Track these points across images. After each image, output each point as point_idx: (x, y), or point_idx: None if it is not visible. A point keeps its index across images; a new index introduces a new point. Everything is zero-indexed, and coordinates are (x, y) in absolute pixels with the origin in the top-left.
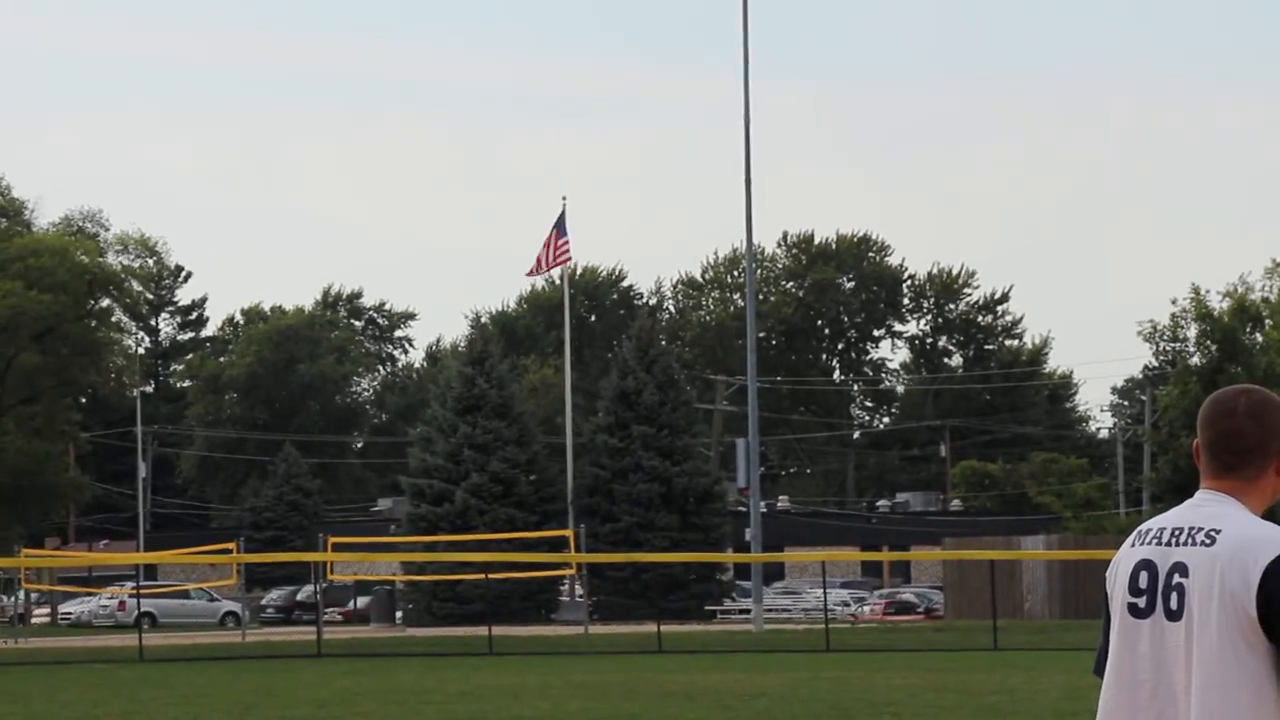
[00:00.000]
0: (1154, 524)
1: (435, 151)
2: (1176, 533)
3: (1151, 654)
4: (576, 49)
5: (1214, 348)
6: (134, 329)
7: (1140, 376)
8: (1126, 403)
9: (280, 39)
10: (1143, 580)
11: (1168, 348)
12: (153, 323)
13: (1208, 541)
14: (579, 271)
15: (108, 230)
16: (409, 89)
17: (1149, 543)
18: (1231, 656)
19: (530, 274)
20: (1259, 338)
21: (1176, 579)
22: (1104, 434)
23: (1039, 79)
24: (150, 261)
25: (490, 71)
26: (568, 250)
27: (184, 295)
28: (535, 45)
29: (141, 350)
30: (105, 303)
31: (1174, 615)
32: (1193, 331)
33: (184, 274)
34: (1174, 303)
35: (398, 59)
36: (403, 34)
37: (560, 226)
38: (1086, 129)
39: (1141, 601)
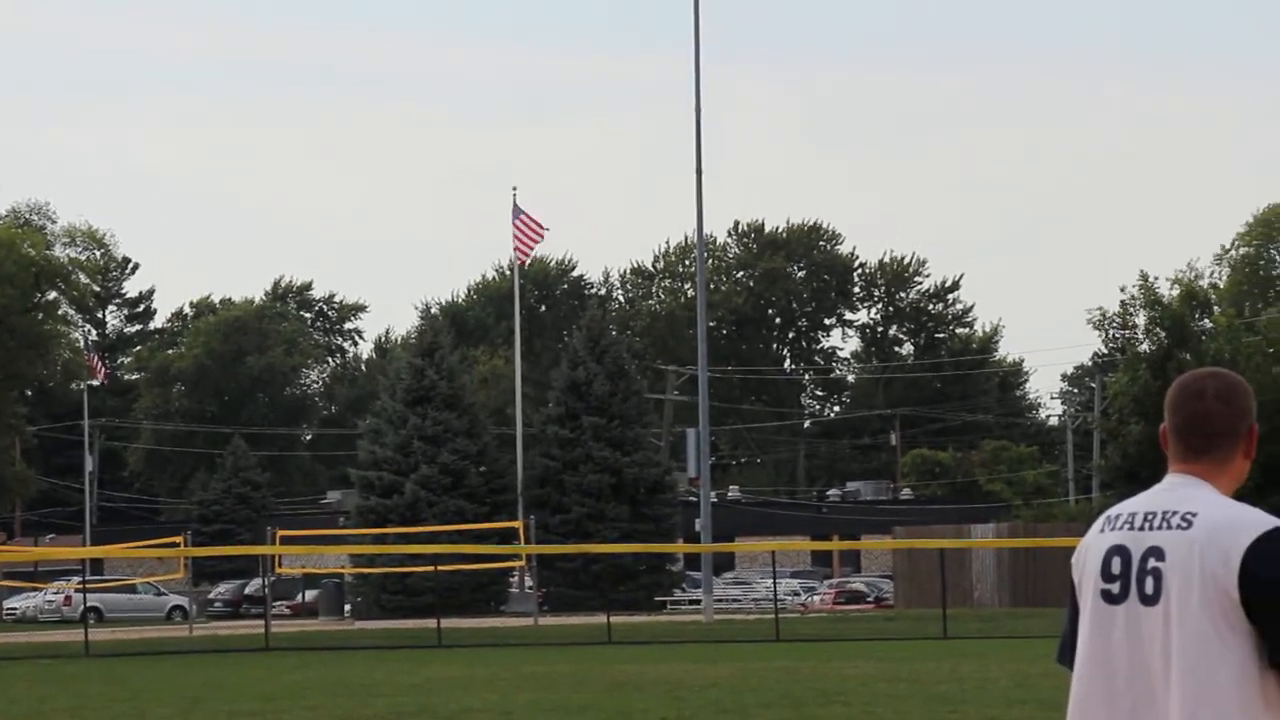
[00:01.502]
0: (1124, 509)
1: (384, 143)
2: (1150, 517)
3: (1126, 640)
4: (525, 38)
5: (1163, 335)
6: (81, 321)
7: (1089, 364)
8: (1076, 390)
9: (230, 30)
10: (1115, 566)
11: (1117, 335)
12: (100, 315)
13: (1184, 525)
14: (529, 262)
15: (55, 223)
16: (358, 81)
17: (1120, 528)
18: (1214, 640)
19: (521, 254)
20: (1208, 324)
21: (1152, 563)
22: (1054, 421)
23: (990, 69)
24: (97, 254)
25: (439, 63)
26: (540, 236)
27: (131, 287)
28: (484, 35)
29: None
30: (52, 295)
31: (1150, 600)
32: (1142, 318)
33: (131, 266)
34: (1123, 290)
35: (346, 51)
36: (351, 26)
37: (518, 215)
38: (1036, 118)
39: (1115, 587)
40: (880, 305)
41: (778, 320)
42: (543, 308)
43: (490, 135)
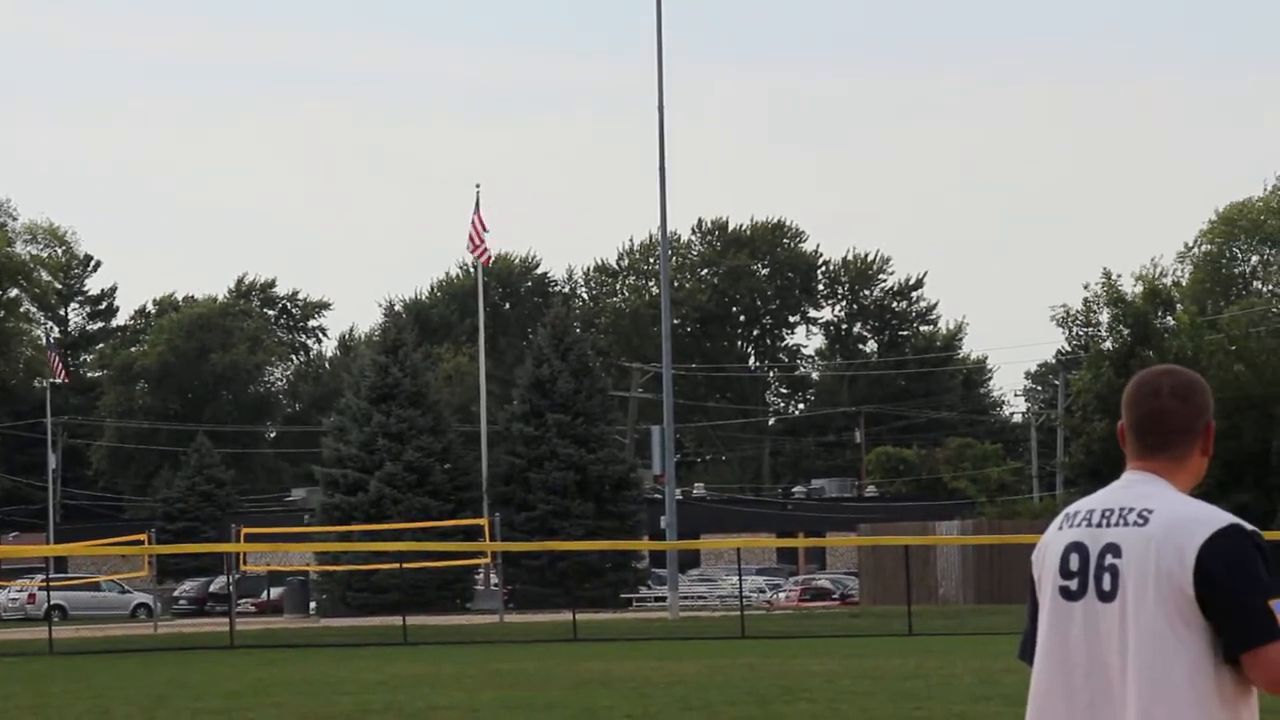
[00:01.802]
0: (1082, 506)
1: (348, 140)
2: (1107, 514)
3: (1084, 636)
4: (489, 37)
5: (1126, 332)
6: (43, 319)
7: (1053, 361)
8: (1040, 387)
9: (190, 26)
10: (1074, 562)
11: (1080, 332)
12: (62, 313)
13: (1140, 521)
14: (493, 259)
15: (15, 220)
16: (321, 78)
17: (1078, 525)
18: (1169, 635)
19: (483, 259)
20: (1170, 321)
21: (1109, 560)
22: (1018, 419)
23: (950, 65)
24: (59, 251)
25: (402, 60)
26: (484, 241)
27: (94, 285)
28: (446, 34)
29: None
30: (13, 293)
31: (1107, 596)
32: (1105, 316)
33: (93, 263)
34: (1086, 287)
35: (308, 48)
36: (313, 23)
37: (476, 212)
38: (999, 117)
39: (1073, 584)
40: (844, 303)
41: (742, 318)
42: (507, 305)
43: (454, 133)
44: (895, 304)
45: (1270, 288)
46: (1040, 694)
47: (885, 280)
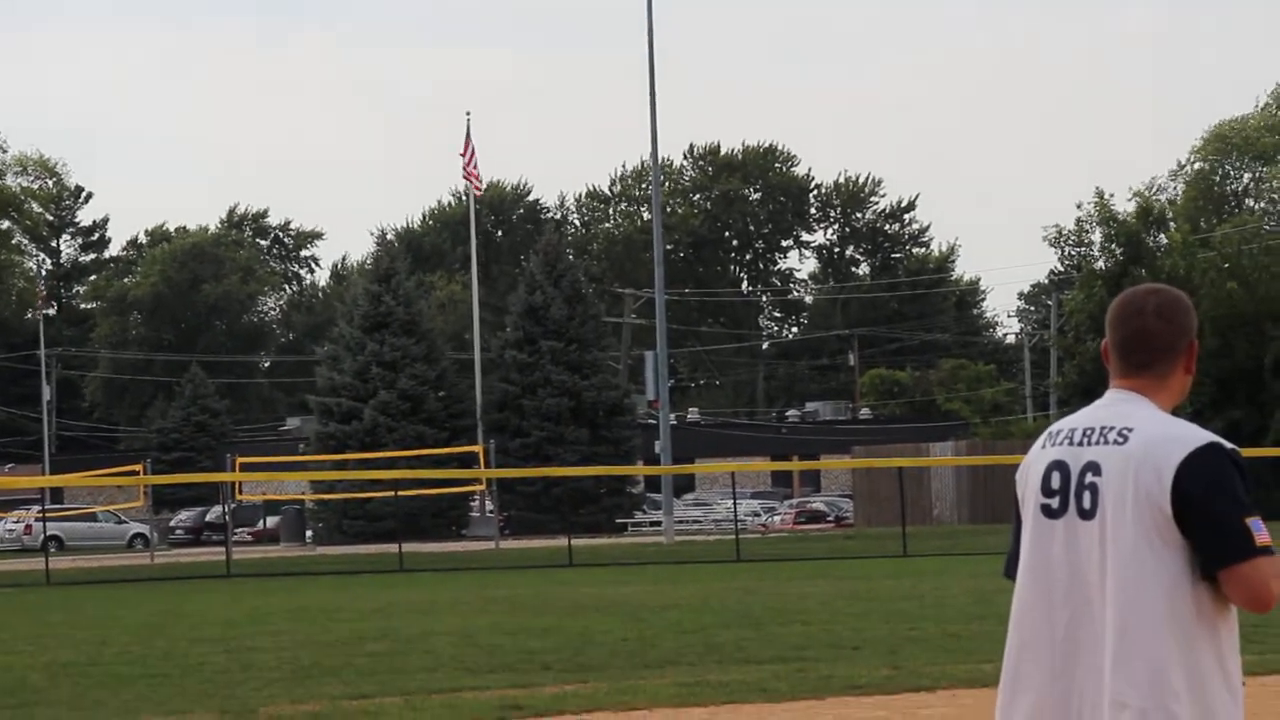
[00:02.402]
0: (1064, 425)
1: (338, 70)
2: (1088, 432)
3: (1065, 554)
4: None
5: (1119, 251)
6: (35, 251)
7: (1046, 282)
8: (1033, 308)
9: None
10: (1055, 481)
11: (1073, 252)
12: (54, 244)
13: (1120, 440)
14: (485, 187)
15: (6, 152)
16: (312, 8)
17: (1060, 443)
18: (1147, 553)
19: (471, 184)
20: (1163, 239)
21: (1089, 478)
22: (1011, 339)
23: None
24: (50, 183)
25: None
26: (476, 169)
27: (85, 216)
28: None
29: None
30: (5, 225)
31: (1087, 514)
32: (1097, 235)
33: (85, 195)
34: (1079, 207)
35: None
36: None
37: (468, 146)
38: (990, 34)
39: (1054, 502)
40: (836, 226)
41: (734, 242)
42: (499, 233)
43: (445, 61)
44: (888, 226)
45: (1263, 205)
46: (1022, 610)
47: (877, 203)
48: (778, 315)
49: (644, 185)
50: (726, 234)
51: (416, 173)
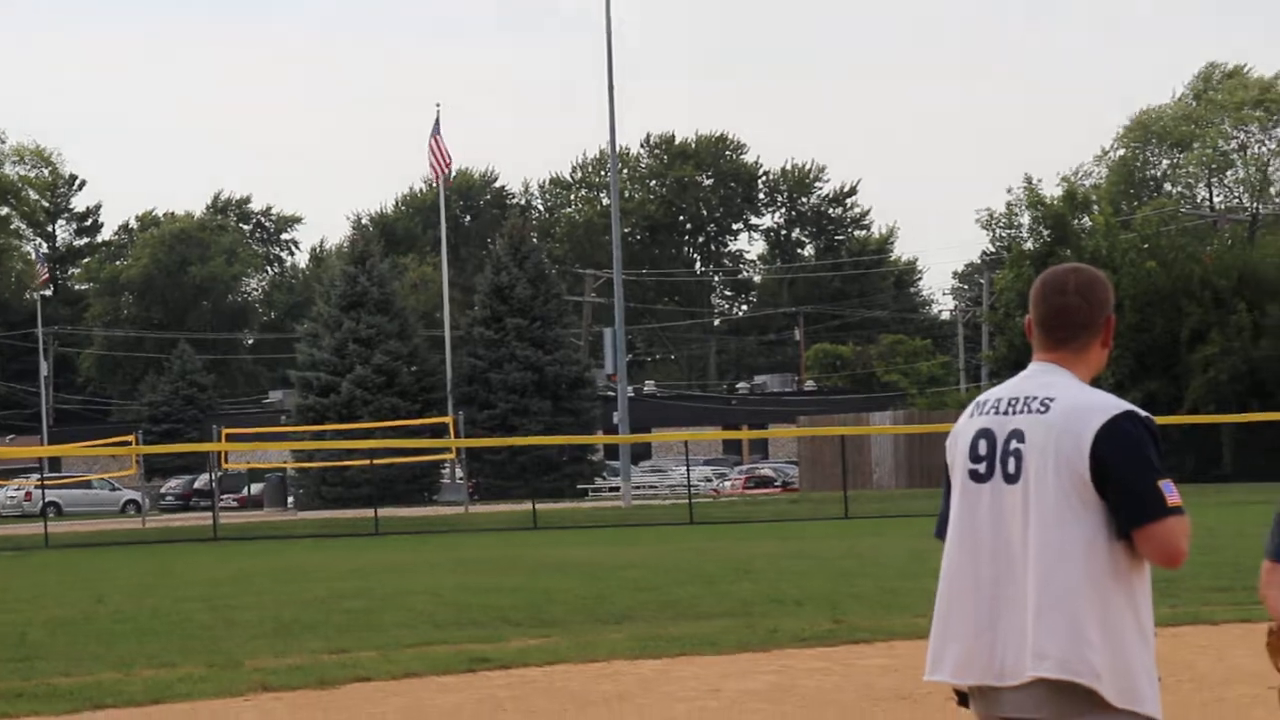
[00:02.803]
0: (990, 395)
1: (317, 63)
2: (1013, 402)
3: (991, 515)
4: None
5: (1046, 233)
6: (32, 235)
7: (978, 261)
8: (966, 286)
9: None
10: (982, 447)
11: (1003, 234)
12: (50, 229)
13: (1042, 409)
14: (454, 174)
15: (4, 143)
16: (292, 6)
17: (987, 413)
18: (1068, 514)
19: (437, 174)
20: (1087, 222)
21: (1014, 445)
22: (945, 316)
23: None
24: (46, 171)
25: None
26: (447, 157)
27: (79, 203)
28: None
29: (41, 254)
30: (4, 211)
31: (1012, 479)
32: (1026, 218)
33: (79, 182)
34: (1009, 192)
35: None
36: None
37: (436, 130)
38: (926, 28)
39: (981, 467)
40: (783, 210)
41: (688, 226)
42: (467, 218)
43: (416, 54)
44: (831, 210)
45: (1179, 190)
46: (951, 569)
47: (821, 188)
48: (728, 294)
49: (603, 173)
50: (680, 218)
51: (389, 161)
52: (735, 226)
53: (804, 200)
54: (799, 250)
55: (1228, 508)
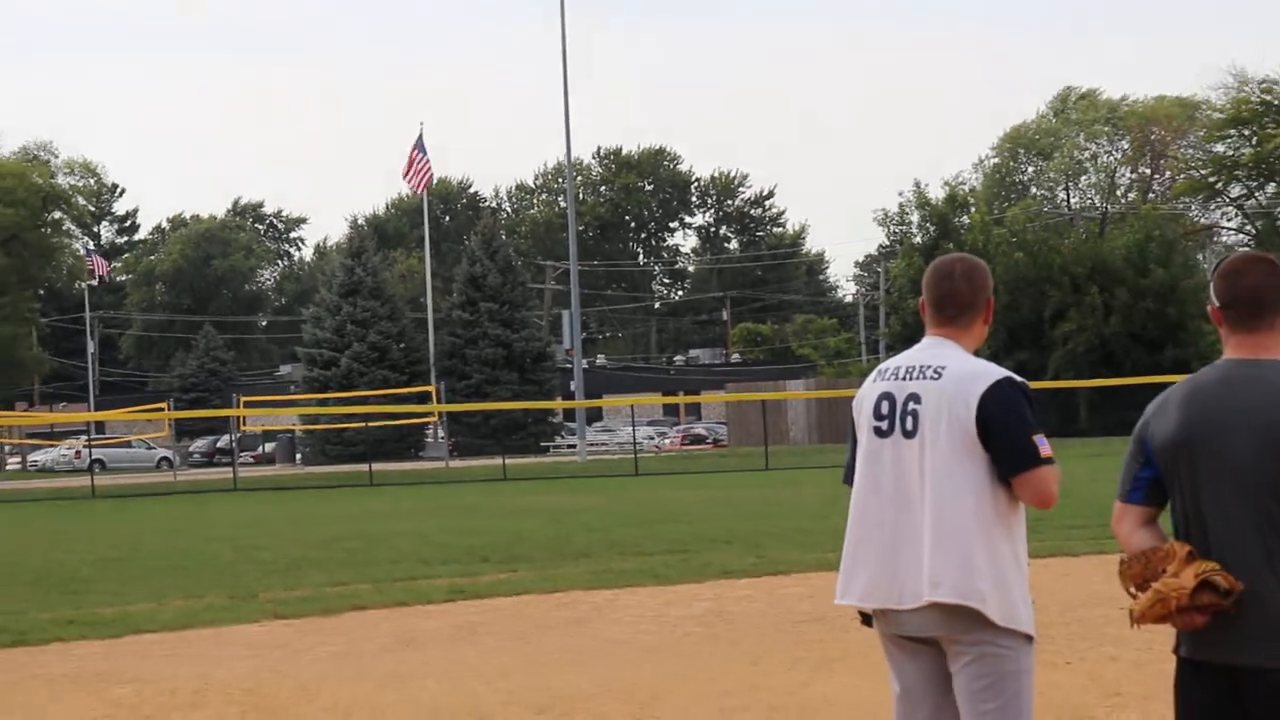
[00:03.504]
0: (891, 364)
1: (321, 90)
2: (910, 370)
3: (892, 465)
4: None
5: (931, 229)
6: (80, 235)
7: (876, 253)
8: (866, 274)
9: None
10: (884, 408)
11: (896, 230)
12: (95, 230)
13: (935, 376)
14: (435, 182)
15: (57, 157)
16: (294, 39)
17: (888, 379)
18: (957, 465)
19: (414, 186)
20: (966, 220)
21: (911, 406)
22: (849, 299)
23: (793, 17)
24: (92, 181)
25: (357, 18)
26: (429, 169)
27: (120, 207)
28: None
29: (91, 250)
30: (57, 215)
31: (910, 434)
32: (915, 217)
33: (119, 190)
34: (901, 195)
35: (278, 13)
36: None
37: (420, 146)
38: (831, 56)
39: (884, 425)
40: (712, 211)
41: (632, 224)
42: (447, 218)
43: (406, 82)
44: (753, 210)
45: (1043, 192)
46: (858, 510)
47: (744, 192)
48: (666, 282)
49: (560, 180)
50: (626, 218)
51: (382, 170)
52: (672, 225)
53: (729, 202)
54: (726, 244)
55: (1084, 459)
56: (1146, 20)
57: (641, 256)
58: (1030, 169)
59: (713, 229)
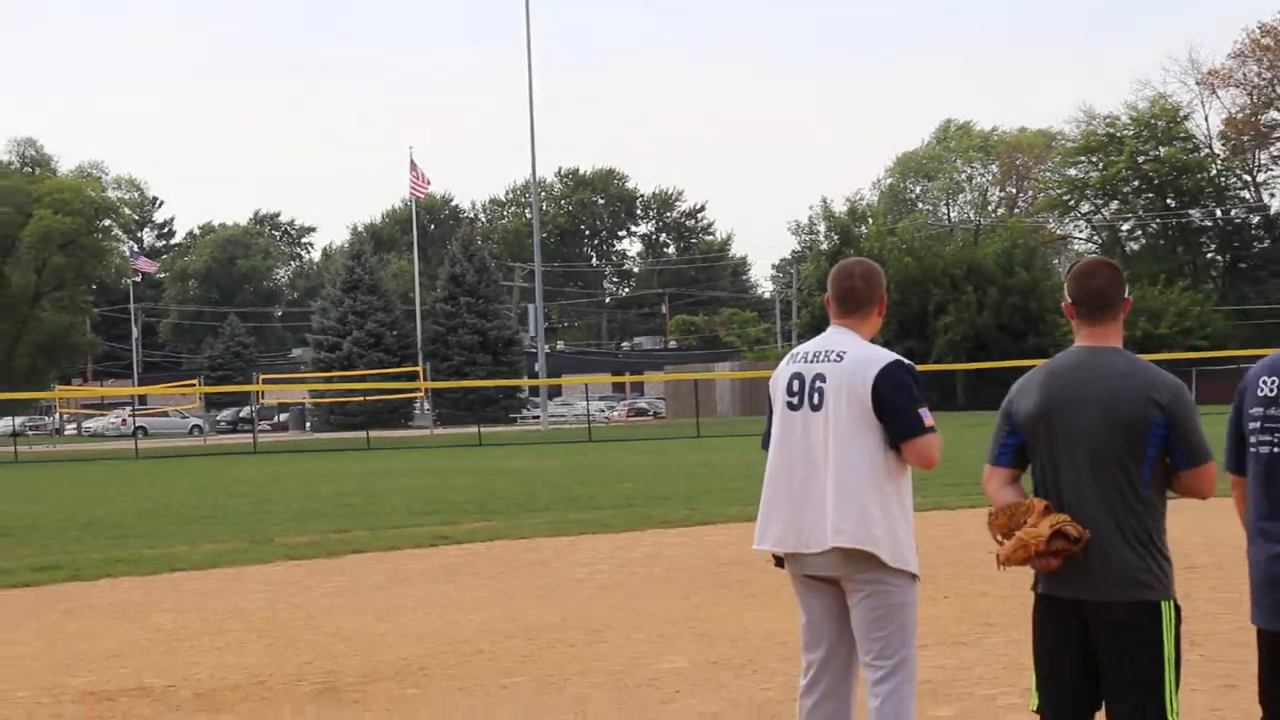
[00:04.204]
0: (801, 349)
1: (326, 117)
2: (817, 354)
3: (802, 433)
4: (419, 37)
5: (835, 237)
6: (126, 239)
7: (789, 257)
8: (781, 274)
9: (217, 35)
10: (795, 386)
11: (806, 238)
12: (139, 235)
13: (838, 359)
14: (424, 197)
15: (107, 174)
16: (304, 65)
17: (799, 361)
18: (856, 434)
19: (416, 194)
20: (865, 230)
21: (818, 384)
22: (767, 295)
23: (725, 48)
24: (136, 194)
25: (359, 62)
26: (428, 183)
27: (159, 215)
28: (386, 32)
29: (136, 252)
30: (107, 223)
31: (816, 408)
32: (822, 227)
33: (159, 201)
34: (810, 208)
35: (293, 57)
36: (303, 29)
37: (413, 165)
38: (759, 86)
39: (795, 399)
40: (654, 221)
41: (587, 233)
42: (432, 226)
43: (399, 112)
44: (688, 221)
45: (928, 208)
46: (773, 470)
47: (681, 205)
48: (615, 280)
49: (527, 195)
50: (582, 227)
51: (379, 187)
52: (620, 233)
53: (668, 214)
54: (665, 249)
55: (960, 429)
56: (1013, 64)
57: (594, 259)
58: (917, 188)
59: (654, 236)
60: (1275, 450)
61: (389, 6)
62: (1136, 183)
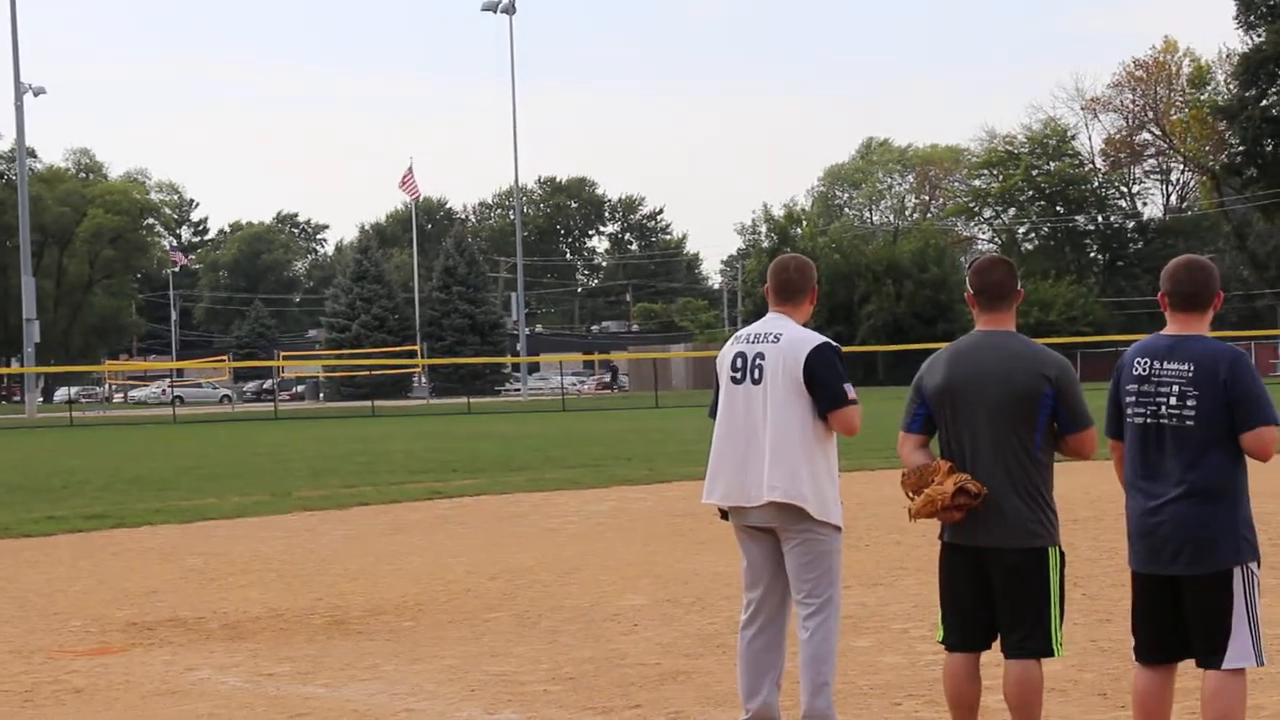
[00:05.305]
0: (744, 331)
1: (337, 128)
2: (758, 336)
3: (744, 404)
4: (413, 63)
5: (775, 237)
6: (166, 235)
7: (735, 254)
8: (729, 268)
9: (236, 59)
10: (739, 363)
11: (750, 237)
12: (177, 231)
13: (775, 340)
14: (422, 199)
15: (150, 179)
16: (325, 81)
17: (742, 342)
18: (789, 405)
19: (412, 195)
20: (800, 231)
21: (758, 362)
22: (716, 286)
23: (681, 73)
24: (175, 196)
25: (370, 81)
26: (416, 188)
27: (196, 215)
28: (395, 62)
29: (174, 246)
30: (150, 221)
31: (756, 382)
32: (764, 228)
33: (194, 203)
34: (753, 212)
35: (312, 79)
36: (305, 58)
37: (411, 172)
38: (711, 102)
39: (739, 375)
40: (620, 223)
41: (562, 232)
42: (429, 225)
43: (402, 128)
44: (648, 223)
45: (854, 213)
46: (720, 436)
47: (643, 209)
48: (586, 272)
49: (511, 199)
50: (558, 227)
51: (384, 190)
52: (591, 233)
53: (632, 216)
54: (629, 246)
55: (879, 401)
56: (928, 89)
57: (568, 254)
58: (845, 195)
59: (620, 235)
60: (1148, 420)
61: (396, 41)
62: (1031, 193)
